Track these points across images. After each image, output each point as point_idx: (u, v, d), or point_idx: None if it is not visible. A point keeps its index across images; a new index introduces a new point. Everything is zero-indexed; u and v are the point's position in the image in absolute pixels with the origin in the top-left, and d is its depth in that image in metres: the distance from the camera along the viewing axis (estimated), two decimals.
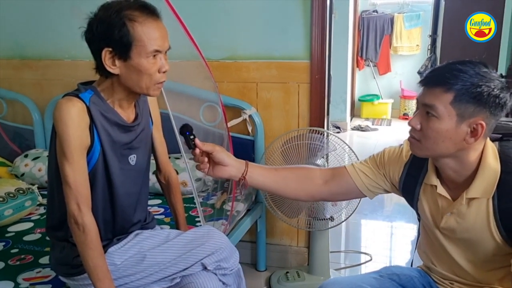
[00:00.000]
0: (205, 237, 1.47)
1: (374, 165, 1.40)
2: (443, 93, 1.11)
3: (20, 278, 1.58)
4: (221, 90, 2.27)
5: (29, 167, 2.48)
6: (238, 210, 2.19)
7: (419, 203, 1.33)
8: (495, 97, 1.09)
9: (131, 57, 1.27)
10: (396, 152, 1.37)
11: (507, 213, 1.14)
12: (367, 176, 1.39)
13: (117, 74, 1.30)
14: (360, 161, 1.43)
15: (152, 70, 1.30)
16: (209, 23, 2.38)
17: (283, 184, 1.41)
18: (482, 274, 1.27)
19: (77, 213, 1.28)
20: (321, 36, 2.27)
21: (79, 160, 1.29)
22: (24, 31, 2.73)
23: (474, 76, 1.09)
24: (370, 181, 1.39)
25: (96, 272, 1.29)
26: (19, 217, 2.09)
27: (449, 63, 1.14)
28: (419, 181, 1.31)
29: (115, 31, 1.24)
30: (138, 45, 1.26)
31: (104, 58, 1.27)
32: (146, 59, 1.28)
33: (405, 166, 1.34)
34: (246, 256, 2.61)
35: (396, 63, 6.95)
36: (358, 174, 1.39)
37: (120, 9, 1.26)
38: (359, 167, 1.40)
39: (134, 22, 1.25)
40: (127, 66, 1.29)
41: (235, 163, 1.34)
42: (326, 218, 2.25)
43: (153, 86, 1.33)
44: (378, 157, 1.40)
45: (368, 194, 1.42)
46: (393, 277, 1.42)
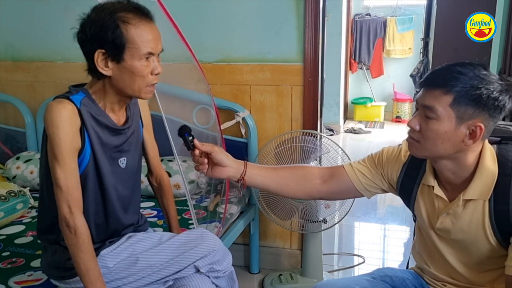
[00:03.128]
0: (198, 240, 1.47)
1: (372, 165, 1.40)
2: (443, 95, 1.11)
3: (12, 281, 1.57)
4: (215, 93, 2.27)
5: (20, 170, 2.47)
6: (231, 212, 2.19)
7: (416, 204, 1.33)
8: (494, 99, 1.09)
9: (124, 59, 1.27)
10: (394, 152, 1.37)
11: (503, 215, 1.15)
12: (365, 175, 1.39)
13: (109, 76, 1.30)
14: (358, 161, 1.43)
15: (145, 72, 1.30)
16: (202, 25, 2.38)
17: (282, 183, 1.41)
18: (474, 275, 1.28)
19: (69, 216, 1.28)
20: (314, 38, 2.28)
21: (70, 162, 1.29)
22: (16, 32, 2.71)
23: (474, 78, 1.10)
24: (367, 180, 1.39)
25: (88, 275, 1.29)
26: (11, 219, 2.08)
27: (449, 65, 1.15)
28: (417, 182, 1.32)
29: (108, 33, 1.24)
30: (131, 47, 1.26)
31: (96, 60, 1.27)
32: (139, 61, 1.28)
33: (403, 167, 1.34)
34: (239, 259, 2.61)
35: (388, 66, 6.99)
36: (356, 174, 1.39)
37: (114, 11, 1.25)
38: (357, 166, 1.40)
39: (127, 24, 1.25)
40: (120, 68, 1.28)
41: (234, 163, 1.34)
42: (319, 220, 2.25)
43: (145, 89, 1.33)
44: (376, 156, 1.40)
45: (366, 194, 1.42)
46: (385, 279, 1.42)
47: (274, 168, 1.47)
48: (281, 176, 1.42)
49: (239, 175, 1.35)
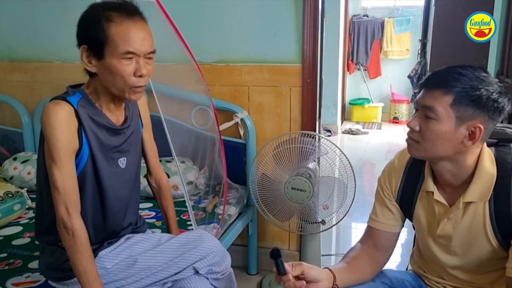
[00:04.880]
0: (197, 241, 1.46)
1: (384, 202, 1.38)
2: (443, 95, 1.12)
3: (9, 283, 1.56)
4: (213, 94, 2.26)
5: (18, 170, 2.46)
6: (229, 213, 2.18)
7: (415, 212, 1.33)
8: (494, 101, 1.10)
9: (104, 56, 1.26)
10: (390, 169, 1.38)
11: (504, 217, 1.15)
12: (389, 217, 1.37)
13: (96, 74, 1.30)
14: (373, 212, 1.40)
15: (125, 72, 1.27)
16: (201, 26, 2.38)
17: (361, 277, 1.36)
18: (474, 277, 1.28)
19: (66, 218, 1.27)
20: (313, 40, 2.28)
21: (68, 164, 1.28)
22: (14, 32, 2.70)
23: (474, 79, 1.11)
24: (393, 217, 1.38)
25: (86, 276, 1.28)
26: (8, 221, 2.07)
27: (450, 67, 1.15)
28: (417, 189, 1.32)
29: (90, 28, 1.25)
30: (110, 44, 1.25)
31: (81, 55, 1.28)
32: (118, 60, 1.26)
33: (402, 175, 1.34)
34: (238, 260, 2.60)
35: (386, 67, 7.02)
36: (385, 224, 1.37)
37: (102, 9, 1.26)
38: (381, 216, 1.38)
39: (110, 21, 1.24)
40: (101, 65, 1.28)
41: (325, 275, 1.26)
42: (318, 222, 2.25)
43: (128, 90, 1.30)
44: (381, 191, 1.39)
45: (400, 229, 1.40)
46: (385, 281, 1.42)
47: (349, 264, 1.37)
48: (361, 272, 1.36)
49: (332, 284, 1.27)
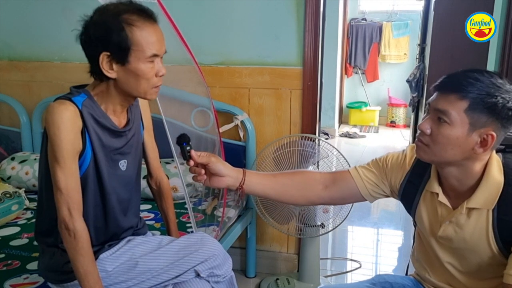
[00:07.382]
0: (198, 244, 1.46)
1: (377, 170, 1.38)
2: (458, 100, 1.10)
3: (7, 284, 1.54)
4: (213, 95, 2.26)
5: (15, 170, 2.44)
6: (229, 216, 2.18)
7: (418, 210, 1.32)
8: (509, 109, 1.08)
9: (130, 61, 1.26)
10: (399, 158, 1.36)
11: (507, 225, 1.14)
12: (371, 180, 1.37)
13: (114, 78, 1.29)
14: (363, 165, 1.41)
15: (150, 74, 1.29)
16: (202, 28, 2.38)
17: (282, 191, 1.39)
18: (474, 283, 1.27)
19: (68, 219, 1.26)
20: (314, 43, 2.28)
21: (71, 164, 1.27)
22: (13, 32, 2.69)
23: (491, 86, 1.09)
24: (373, 186, 1.38)
25: (87, 279, 1.27)
26: (6, 221, 2.05)
27: (465, 71, 1.13)
28: (420, 188, 1.31)
29: (113, 35, 1.23)
30: (137, 49, 1.25)
31: (101, 62, 1.25)
32: (144, 64, 1.27)
33: (407, 173, 1.33)
34: (236, 263, 2.60)
35: (384, 71, 7.03)
36: (362, 179, 1.37)
37: (118, 13, 1.24)
38: (363, 172, 1.38)
39: (132, 26, 1.24)
40: (125, 70, 1.27)
41: (232, 172, 1.32)
42: (317, 225, 2.25)
43: (150, 90, 1.32)
44: (381, 161, 1.38)
45: (369, 199, 1.40)
46: (385, 286, 1.42)
47: (274, 175, 1.44)
48: (281, 183, 1.40)
49: (238, 184, 1.32)
